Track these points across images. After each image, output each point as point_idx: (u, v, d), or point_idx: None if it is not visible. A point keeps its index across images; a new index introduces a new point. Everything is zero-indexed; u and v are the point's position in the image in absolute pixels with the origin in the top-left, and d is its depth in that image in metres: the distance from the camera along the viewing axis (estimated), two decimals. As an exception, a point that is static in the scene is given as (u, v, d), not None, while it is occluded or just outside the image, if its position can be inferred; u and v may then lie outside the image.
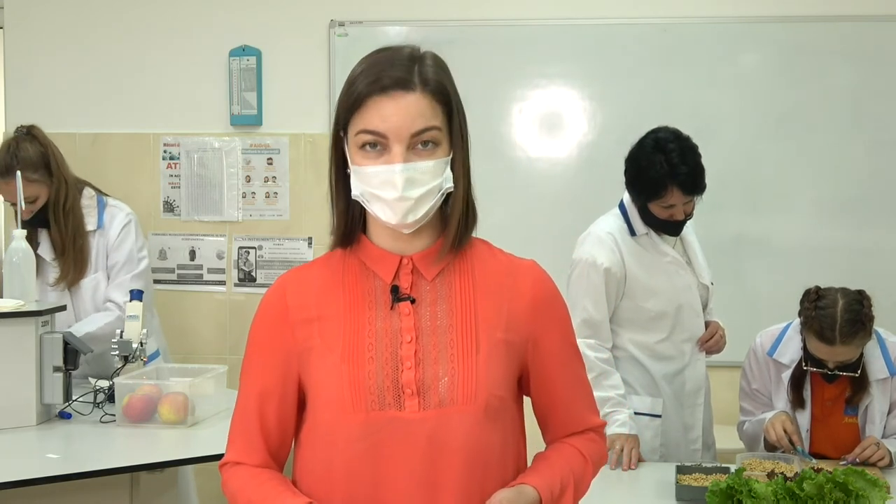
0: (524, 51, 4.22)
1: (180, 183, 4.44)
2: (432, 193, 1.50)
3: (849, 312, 2.72)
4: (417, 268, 1.56)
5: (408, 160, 1.47)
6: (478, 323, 1.54)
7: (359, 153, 1.50)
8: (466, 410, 1.50)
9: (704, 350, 3.11)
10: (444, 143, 1.51)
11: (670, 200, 2.90)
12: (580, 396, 1.67)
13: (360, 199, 1.52)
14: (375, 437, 1.49)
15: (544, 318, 1.59)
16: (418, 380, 1.50)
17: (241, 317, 4.40)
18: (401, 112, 1.47)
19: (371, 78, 1.49)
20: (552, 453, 1.64)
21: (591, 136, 4.24)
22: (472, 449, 1.50)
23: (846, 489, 2.04)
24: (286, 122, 4.39)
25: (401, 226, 1.51)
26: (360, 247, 1.58)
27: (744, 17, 4.17)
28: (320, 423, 1.54)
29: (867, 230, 4.14)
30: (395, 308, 1.54)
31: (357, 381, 1.50)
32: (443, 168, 1.51)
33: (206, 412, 2.95)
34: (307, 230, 4.41)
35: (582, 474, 1.62)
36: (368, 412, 1.50)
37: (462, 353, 1.52)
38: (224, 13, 4.38)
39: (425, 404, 1.50)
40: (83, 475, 2.50)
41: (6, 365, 2.84)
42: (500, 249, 1.64)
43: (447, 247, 1.56)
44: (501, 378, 1.54)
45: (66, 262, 3.33)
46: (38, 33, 4.46)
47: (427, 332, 1.53)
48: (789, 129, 4.16)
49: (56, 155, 3.37)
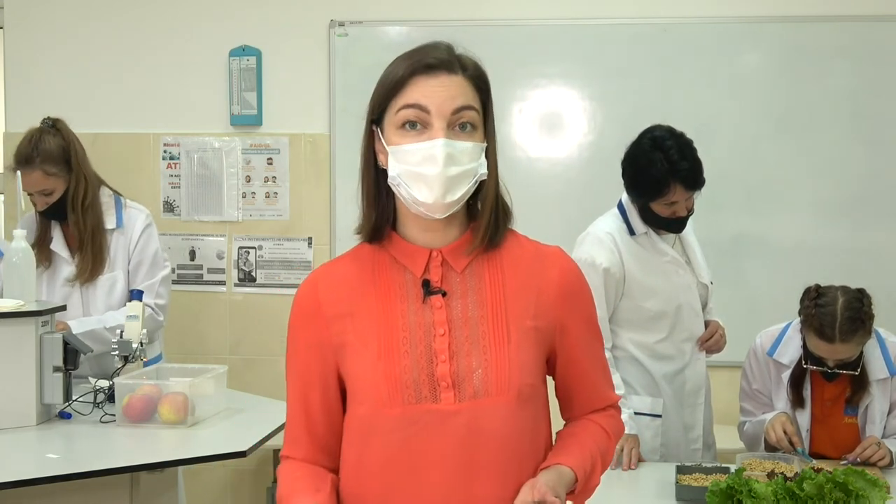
0: (524, 51, 4.22)
1: (180, 183, 4.45)
2: (469, 175, 1.53)
3: (849, 310, 2.72)
4: (447, 260, 1.59)
5: (448, 137, 1.51)
6: (508, 312, 1.57)
7: (397, 133, 1.53)
8: (500, 401, 1.53)
9: (704, 349, 3.11)
10: (480, 129, 1.56)
11: (673, 198, 2.89)
12: (601, 375, 1.72)
13: (397, 180, 1.53)
14: (412, 428, 1.53)
15: (571, 304, 1.63)
16: (453, 372, 1.54)
17: (241, 317, 4.40)
18: (444, 88, 1.52)
19: (413, 60, 1.54)
20: (579, 431, 1.68)
21: (591, 136, 4.24)
22: (508, 437, 1.54)
23: (846, 489, 2.03)
24: (286, 122, 4.39)
25: (437, 206, 1.51)
26: (389, 242, 1.61)
27: (744, 18, 4.17)
28: (359, 416, 1.58)
29: (866, 230, 4.15)
30: (427, 301, 1.57)
31: (393, 376, 1.54)
32: (479, 153, 1.55)
33: (206, 412, 2.95)
34: (307, 230, 4.41)
35: (606, 450, 1.69)
36: (405, 406, 1.53)
37: (494, 344, 1.55)
38: (224, 13, 4.38)
39: (460, 396, 1.53)
40: (83, 475, 2.49)
41: (6, 365, 2.83)
42: (526, 237, 1.68)
43: (477, 239, 1.59)
44: (532, 365, 1.58)
45: (84, 259, 3.33)
46: (38, 33, 4.46)
47: (459, 324, 1.56)
48: (789, 129, 4.16)
49: (78, 150, 3.35)
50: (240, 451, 2.67)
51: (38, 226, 3.36)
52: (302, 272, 4.39)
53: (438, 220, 1.55)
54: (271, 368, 4.41)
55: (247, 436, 2.80)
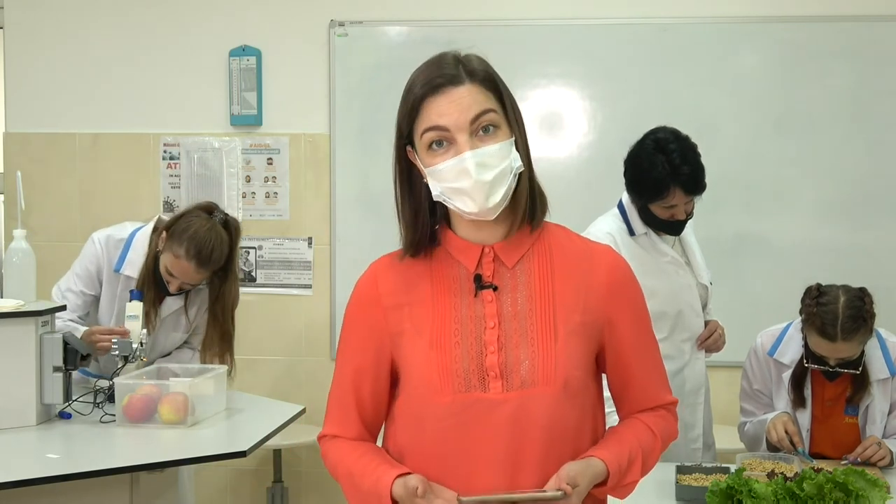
0: (524, 51, 4.22)
1: (180, 183, 4.44)
2: (505, 174, 1.58)
3: (850, 309, 2.73)
4: (499, 256, 1.65)
5: (474, 147, 1.57)
6: (556, 307, 1.63)
7: (428, 154, 1.60)
8: (546, 391, 1.59)
9: (703, 348, 3.11)
10: (503, 126, 1.61)
11: (672, 201, 2.89)
12: (653, 375, 1.75)
13: (442, 198, 1.61)
14: (462, 416, 1.59)
15: (619, 301, 1.67)
16: (501, 363, 1.60)
17: (241, 317, 4.37)
18: (454, 104, 1.57)
19: (423, 82, 1.59)
20: (623, 428, 1.72)
21: (591, 136, 4.24)
22: (552, 426, 1.59)
23: (846, 489, 2.03)
24: (286, 122, 4.39)
25: (484, 212, 1.58)
26: (444, 238, 1.67)
27: (744, 17, 4.17)
28: (411, 402, 1.65)
29: (867, 230, 4.14)
30: (479, 295, 1.63)
31: (444, 365, 1.60)
32: (509, 150, 1.60)
33: (206, 412, 2.95)
34: (307, 230, 4.41)
35: (651, 449, 1.70)
36: (455, 394, 1.59)
37: (542, 337, 1.61)
38: (224, 13, 4.39)
39: (508, 386, 1.59)
40: (83, 475, 2.50)
41: (6, 365, 2.84)
42: (577, 234, 1.75)
43: (523, 231, 1.65)
44: (579, 359, 1.63)
45: (210, 339, 3.31)
46: (38, 33, 4.46)
47: (508, 318, 1.62)
48: (789, 128, 4.16)
49: (238, 251, 3.27)
50: (240, 451, 2.67)
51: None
52: (302, 272, 4.39)
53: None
54: (271, 368, 4.41)
55: (247, 436, 2.80)
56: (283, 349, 4.41)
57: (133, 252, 3.22)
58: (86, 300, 3.25)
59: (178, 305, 3.27)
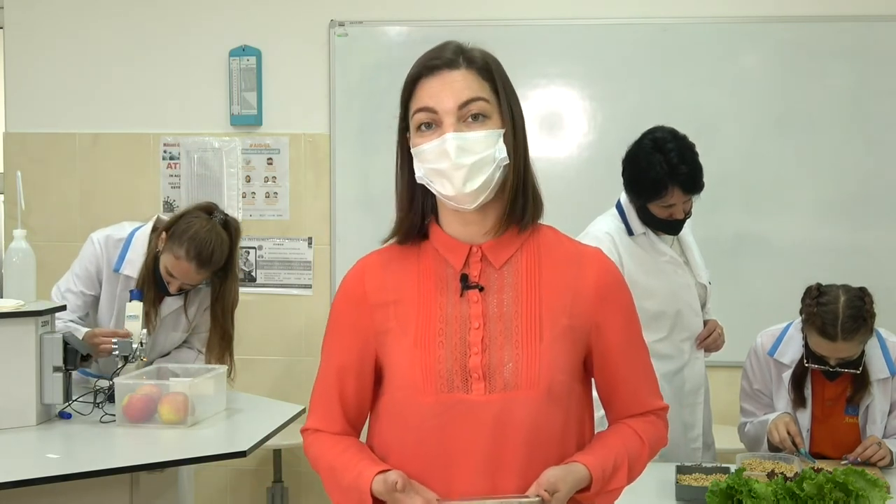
0: (524, 51, 4.22)
1: (180, 183, 4.44)
2: (486, 163, 1.56)
3: (851, 308, 2.73)
4: (486, 256, 1.62)
5: (458, 130, 1.55)
6: (542, 310, 1.60)
7: (416, 135, 1.59)
8: (529, 394, 1.56)
9: (703, 348, 3.11)
10: (495, 117, 1.59)
11: (670, 200, 2.90)
12: (641, 380, 1.72)
13: (424, 180, 1.59)
14: (444, 416, 1.57)
15: (608, 305, 1.65)
16: (484, 365, 1.58)
17: (241, 317, 4.37)
18: (447, 86, 1.56)
19: (421, 63, 1.60)
20: (609, 434, 1.69)
21: (591, 136, 4.25)
22: (535, 430, 1.57)
23: (846, 489, 2.04)
24: (286, 122, 4.39)
25: (461, 198, 1.56)
26: (433, 234, 1.66)
27: (744, 17, 4.17)
28: (394, 401, 1.63)
29: (867, 230, 4.14)
30: (465, 295, 1.61)
31: (428, 365, 1.59)
32: (495, 139, 1.58)
33: (206, 412, 2.95)
34: (307, 230, 4.41)
35: (638, 455, 1.68)
36: (438, 394, 1.58)
37: (526, 340, 1.59)
38: (224, 13, 4.39)
39: (491, 388, 1.57)
40: (83, 475, 2.49)
41: (6, 365, 2.83)
42: (567, 236, 1.71)
43: (512, 231, 1.63)
44: (565, 362, 1.60)
45: (212, 341, 3.31)
46: (38, 33, 4.46)
47: (494, 319, 1.60)
48: (789, 128, 4.16)
49: (238, 251, 3.26)
50: (240, 451, 2.67)
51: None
52: (302, 272, 4.39)
53: (474, 212, 1.59)
54: (271, 368, 4.41)
55: (247, 436, 2.80)
56: (282, 349, 4.41)
57: (132, 252, 3.22)
58: (85, 300, 3.25)
59: (178, 305, 3.27)
